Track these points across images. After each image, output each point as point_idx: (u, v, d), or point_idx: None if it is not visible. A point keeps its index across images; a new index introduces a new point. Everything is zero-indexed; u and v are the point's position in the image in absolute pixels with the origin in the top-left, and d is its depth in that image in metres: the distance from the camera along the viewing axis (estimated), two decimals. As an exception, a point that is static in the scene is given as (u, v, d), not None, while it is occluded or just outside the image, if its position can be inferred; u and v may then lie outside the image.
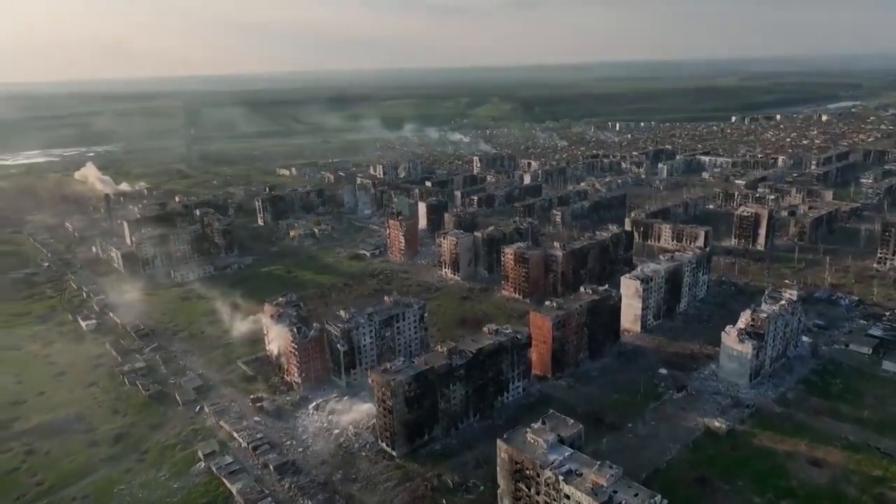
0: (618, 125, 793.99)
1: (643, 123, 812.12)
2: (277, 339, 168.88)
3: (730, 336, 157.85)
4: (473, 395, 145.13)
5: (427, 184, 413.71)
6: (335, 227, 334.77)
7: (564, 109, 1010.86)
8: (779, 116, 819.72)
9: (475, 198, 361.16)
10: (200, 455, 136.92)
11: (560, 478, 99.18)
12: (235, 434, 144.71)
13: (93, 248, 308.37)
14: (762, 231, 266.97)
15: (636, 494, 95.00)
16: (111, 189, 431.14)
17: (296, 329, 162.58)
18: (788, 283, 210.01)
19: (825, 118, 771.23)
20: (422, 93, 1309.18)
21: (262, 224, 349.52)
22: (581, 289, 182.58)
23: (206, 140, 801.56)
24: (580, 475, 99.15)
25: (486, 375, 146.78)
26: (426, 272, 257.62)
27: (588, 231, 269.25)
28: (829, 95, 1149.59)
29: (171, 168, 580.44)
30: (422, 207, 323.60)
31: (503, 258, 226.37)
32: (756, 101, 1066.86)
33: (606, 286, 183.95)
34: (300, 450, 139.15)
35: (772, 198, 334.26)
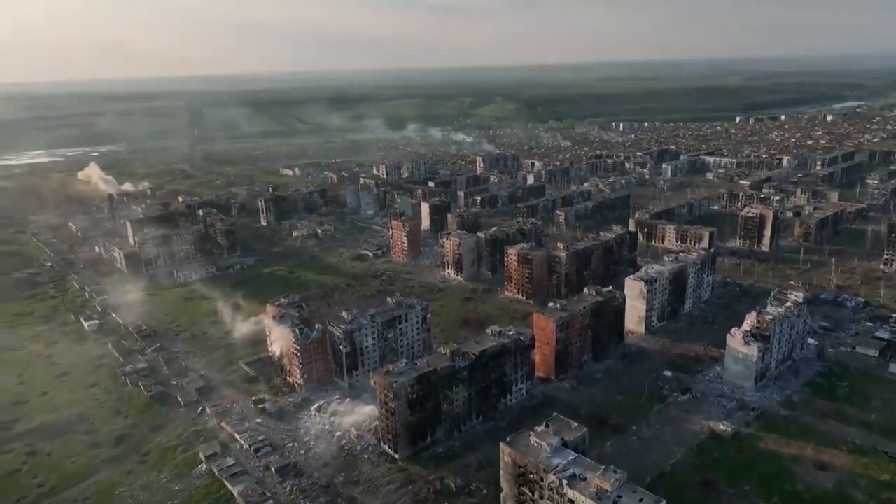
0: (621, 125, 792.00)
1: (647, 123, 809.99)
2: (280, 340, 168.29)
3: (735, 338, 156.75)
4: (476, 398, 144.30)
5: (430, 184, 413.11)
6: (338, 228, 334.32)
7: (566, 109, 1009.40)
8: (783, 117, 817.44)
9: (478, 198, 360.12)
10: (202, 457, 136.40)
11: (564, 482, 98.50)
12: (237, 436, 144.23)
13: (96, 249, 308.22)
14: (767, 232, 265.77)
15: (641, 499, 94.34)
16: (114, 189, 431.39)
17: (298, 330, 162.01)
18: (794, 285, 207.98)
19: (830, 118, 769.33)
20: (423, 93, 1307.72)
21: (265, 224, 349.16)
22: (585, 290, 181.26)
23: (210, 140, 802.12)
24: (584, 479, 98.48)
25: (490, 377, 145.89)
26: (429, 273, 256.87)
27: (592, 232, 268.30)
28: (834, 95, 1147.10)
29: (175, 168, 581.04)
30: (425, 208, 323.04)
31: (506, 259, 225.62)
32: (759, 102, 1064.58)
33: (610, 287, 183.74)
34: (302, 452, 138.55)
35: (777, 198, 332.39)
